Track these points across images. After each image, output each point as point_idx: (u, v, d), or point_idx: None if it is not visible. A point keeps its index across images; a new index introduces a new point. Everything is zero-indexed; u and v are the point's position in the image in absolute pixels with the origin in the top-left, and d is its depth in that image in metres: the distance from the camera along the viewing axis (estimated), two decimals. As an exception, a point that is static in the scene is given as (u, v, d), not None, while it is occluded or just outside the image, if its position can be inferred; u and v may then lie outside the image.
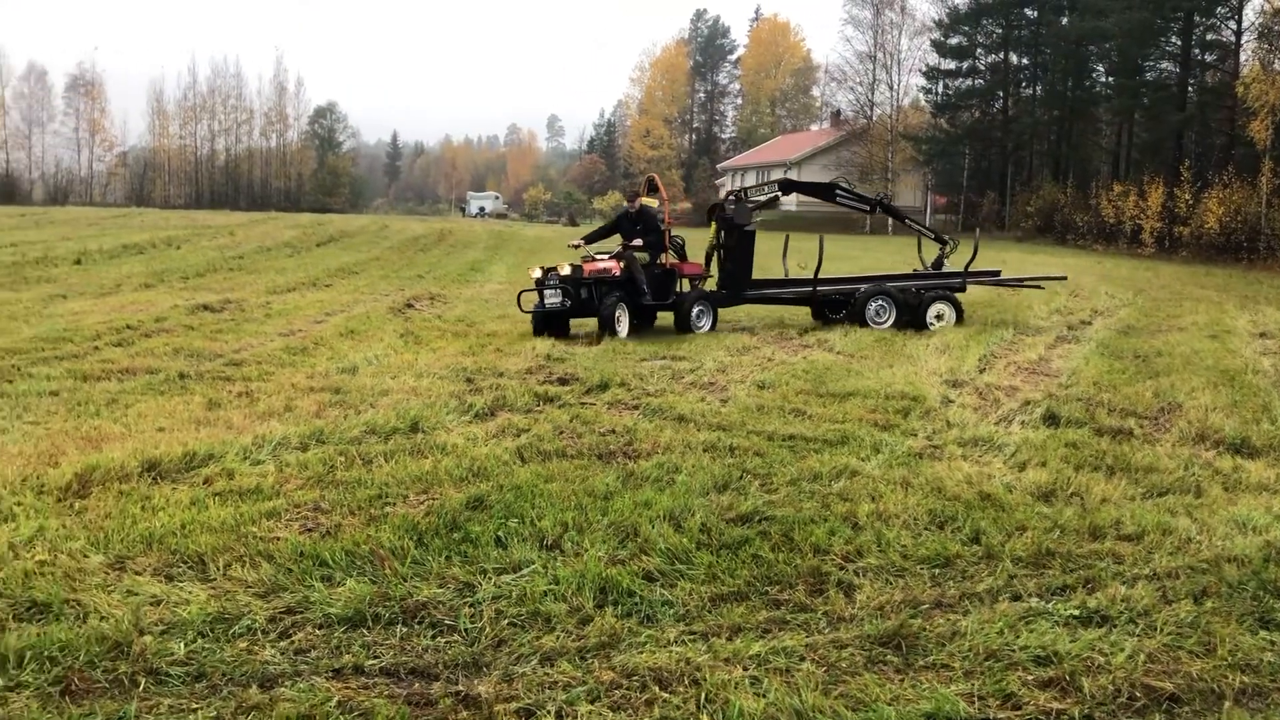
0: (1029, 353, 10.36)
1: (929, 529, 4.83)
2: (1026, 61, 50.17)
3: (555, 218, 70.88)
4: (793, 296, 13.27)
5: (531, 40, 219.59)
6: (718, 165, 72.83)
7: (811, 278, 12.90)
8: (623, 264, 11.56)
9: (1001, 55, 50.12)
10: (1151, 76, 39.92)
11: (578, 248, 12.40)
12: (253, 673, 3.37)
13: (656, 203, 12.34)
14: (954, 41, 50.92)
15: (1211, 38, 37.03)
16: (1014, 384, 8.57)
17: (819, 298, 12.97)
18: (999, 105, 50.28)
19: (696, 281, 12.49)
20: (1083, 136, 46.42)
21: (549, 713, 3.17)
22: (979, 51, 50.82)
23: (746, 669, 3.44)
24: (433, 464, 5.68)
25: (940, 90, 52.44)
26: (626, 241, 11.90)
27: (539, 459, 5.90)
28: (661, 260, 12.07)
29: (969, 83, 51.18)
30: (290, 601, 3.91)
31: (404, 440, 6.25)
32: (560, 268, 11.30)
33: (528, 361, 9.34)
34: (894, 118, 53.46)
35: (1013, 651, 3.59)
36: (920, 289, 12.74)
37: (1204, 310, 15.30)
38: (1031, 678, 3.42)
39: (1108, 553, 4.56)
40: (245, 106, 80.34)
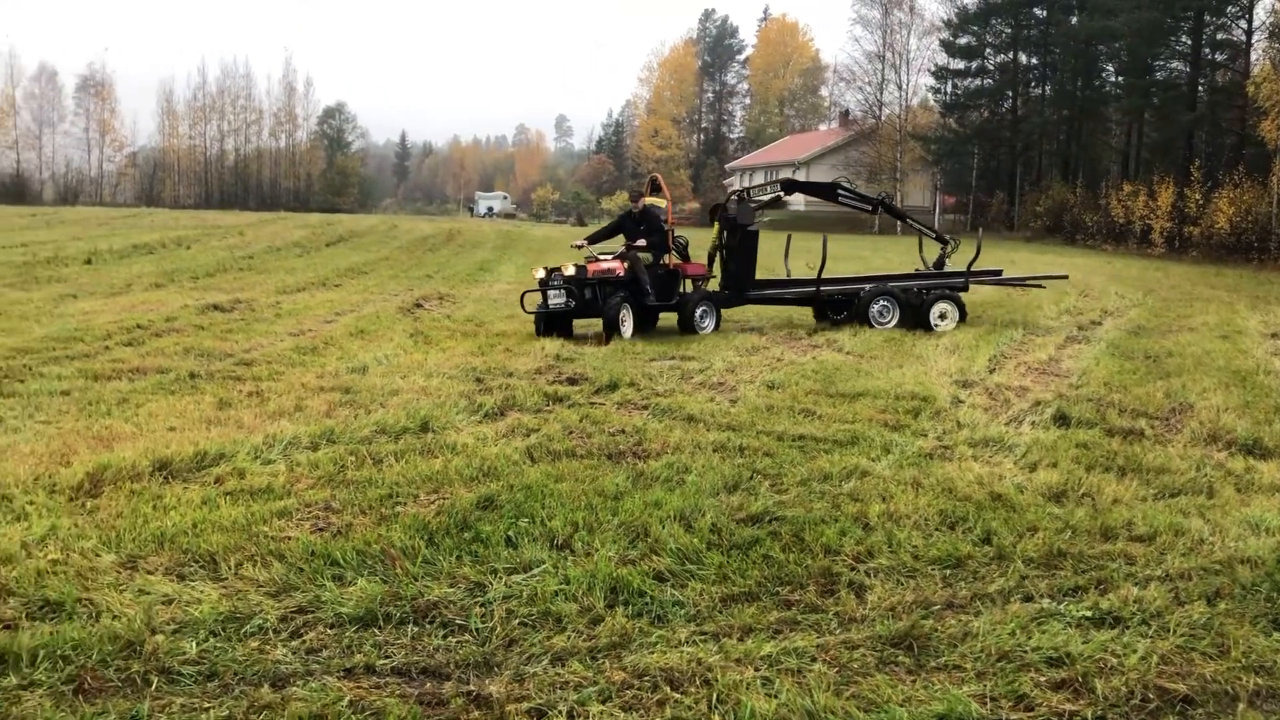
0: (1039, 353, 10.33)
1: (940, 529, 4.82)
2: (1036, 61, 49.99)
3: (563, 218, 70.83)
4: (796, 297, 13.24)
5: (535, 40, 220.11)
6: (726, 165, 72.79)
7: (815, 278, 12.89)
8: (627, 264, 11.57)
9: (1011, 55, 49.93)
10: (1161, 76, 39.66)
11: (581, 248, 12.40)
12: (264, 672, 3.38)
13: (662, 203, 12.34)
14: (963, 41, 50.75)
15: (1222, 37, 36.84)
16: (1024, 384, 8.55)
17: (822, 298, 12.96)
18: (1008, 105, 50.10)
19: (699, 282, 12.48)
20: (1092, 136, 46.19)
21: (560, 713, 3.17)
22: (988, 51, 50.60)
23: (758, 669, 3.44)
24: (443, 464, 5.69)
25: (949, 90, 52.27)
26: (630, 242, 11.90)
27: (549, 459, 5.91)
28: (665, 261, 12.07)
29: (978, 82, 50.97)
30: (302, 601, 3.92)
31: (414, 440, 6.26)
32: (564, 268, 11.29)
33: (537, 361, 9.35)
34: (903, 117, 53.34)
35: (1025, 653, 3.58)
36: (923, 289, 12.72)
37: (1215, 311, 15.22)
38: (1044, 679, 3.41)
39: (1120, 554, 4.54)
40: (254, 107, 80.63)
